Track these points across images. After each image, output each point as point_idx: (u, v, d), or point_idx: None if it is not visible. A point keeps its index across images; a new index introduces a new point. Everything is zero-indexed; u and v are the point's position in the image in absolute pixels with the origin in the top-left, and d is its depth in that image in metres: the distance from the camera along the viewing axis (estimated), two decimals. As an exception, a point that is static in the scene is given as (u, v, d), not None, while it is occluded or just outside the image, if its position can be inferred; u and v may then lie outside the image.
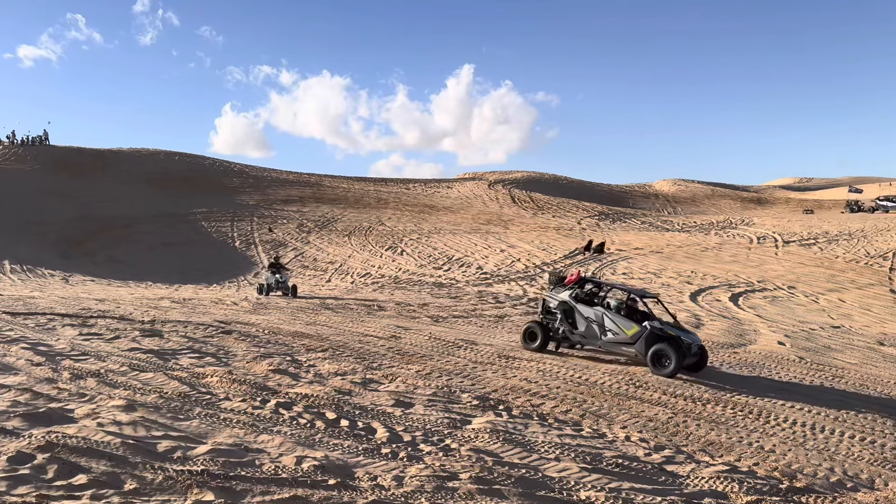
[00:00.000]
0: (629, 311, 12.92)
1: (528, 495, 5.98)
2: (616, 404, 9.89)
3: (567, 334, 13.31)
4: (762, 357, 14.51)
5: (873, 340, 17.49)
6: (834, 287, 26.56)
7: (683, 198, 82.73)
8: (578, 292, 13.45)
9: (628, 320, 12.60)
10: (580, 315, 13.10)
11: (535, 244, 37.16)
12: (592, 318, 12.91)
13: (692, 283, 26.32)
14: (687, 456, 7.72)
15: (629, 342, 12.47)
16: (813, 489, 7.14)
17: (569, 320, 13.26)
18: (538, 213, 55.15)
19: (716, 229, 45.74)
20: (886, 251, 33.94)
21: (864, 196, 73.55)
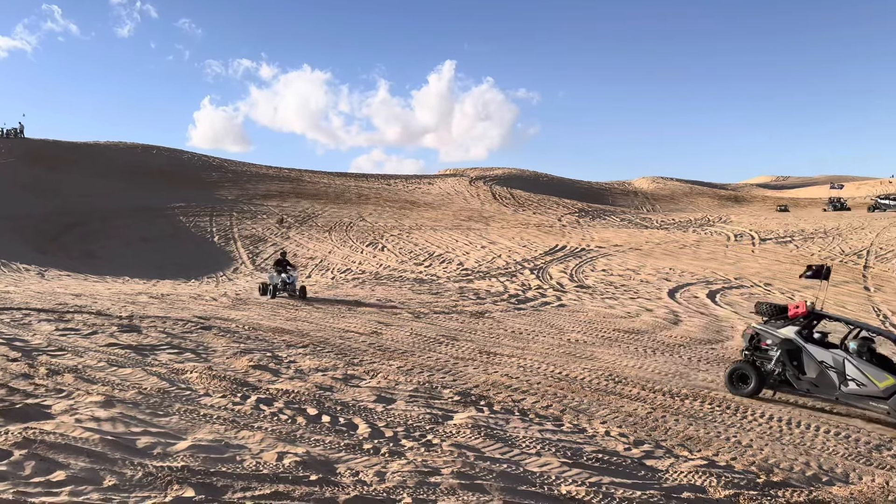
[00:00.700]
0: (878, 358, 10.69)
1: (510, 490, 6.01)
2: (596, 399, 9.98)
3: (791, 379, 11.06)
4: (740, 353, 14.68)
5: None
6: (808, 283, 26.93)
7: (662, 195, 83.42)
8: (806, 330, 11.29)
9: (880, 370, 10.36)
10: (810, 358, 10.88)
11: (515, 241, 37.27)
12: (829, 364, 10.67)
13: (670, 280, 26.57)
14: (666, 451, 7.80)
15: (881, 397, 10.26)
16: (789, 483, 7.26)
17: (793, 363, 11.07)
18: (519, 210, 55.31)
19: (694, 227, 46.18)
20: (860, 249, 34.51)
21: (845, 193, 74.65)
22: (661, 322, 18.27)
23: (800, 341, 11.03)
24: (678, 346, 15.14)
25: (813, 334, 11.19)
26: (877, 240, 36.54)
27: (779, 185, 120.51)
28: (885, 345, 13.77)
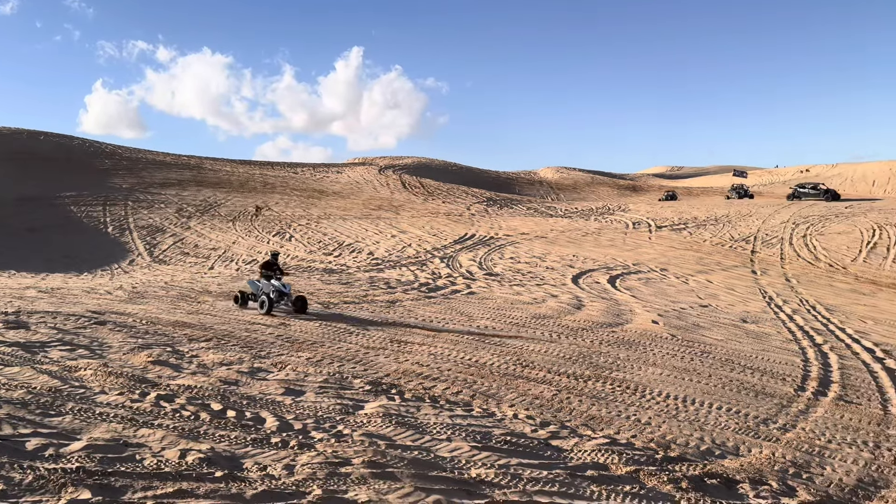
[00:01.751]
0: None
1: (421, 476, 6.06)
2: (504, 384, 10.18)
3: None
4: (638, 335, 15.35)
5: (737, 318, 18.92)
6: (702, 269, 28.46)
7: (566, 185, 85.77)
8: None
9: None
10: None
11: (425, 230, 37.39)
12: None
13: (574, 267, 27.40)
14: (571, 430, 8.07)
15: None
16: (685, 458, 7.67)
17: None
18: (428, 199, 55.50)
19: (595, 215, 47.78)
20: (748, 235, 36.73)
21: (747, 180, 78.58)
22: (565, 307, 18.83)
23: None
24: (582, 329, 15.65)
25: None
26: (763, 226, 39.00)
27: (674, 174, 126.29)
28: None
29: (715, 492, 6.61)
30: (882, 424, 10.04)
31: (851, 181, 68.47)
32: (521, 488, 6.00)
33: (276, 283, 15.46)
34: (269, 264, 16.34)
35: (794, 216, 41.53)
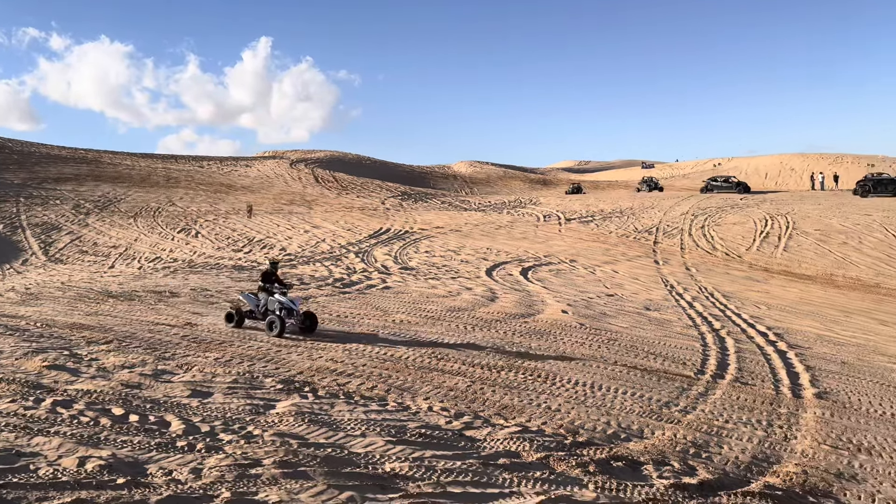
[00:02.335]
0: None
1: (335, 473, 6.01)
2: (420, 377, 10.22)
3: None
4: (549, 325, 15.75)
5: (641, 306, 19.71)
6: (608, 259, 29.47)
7: (479, 179, 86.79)
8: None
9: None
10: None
11: (339, 224, 36.98)
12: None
13: (488, 260, 27.79)
14: (484, 420, 8.20)
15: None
16: (593, 442, 7.94)
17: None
18: (342, 193, 54.89)
19: (508, 208, 48.60)
20: (651, 227, 38.29)
21: (642, 174, 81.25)
22: (479, 299, 19.07)
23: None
24: (495, 321, 15.91)
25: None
26: (664, 218, 40.75)
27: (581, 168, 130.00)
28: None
29: (621, 474, 6.88)
30: (774, 404, 10.72)
31: (745, 174, 72.51)
32: (435, 480, 6.05)
33: (282, 297, 13.02)
34: (269, 275, 13.81)
35: (693, 208, 43.60)
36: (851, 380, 12.69)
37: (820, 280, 27.32)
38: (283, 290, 13.31)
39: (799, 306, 21.39)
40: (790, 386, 11.86)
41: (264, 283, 13.55)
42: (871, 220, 36.52)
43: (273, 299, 13.06)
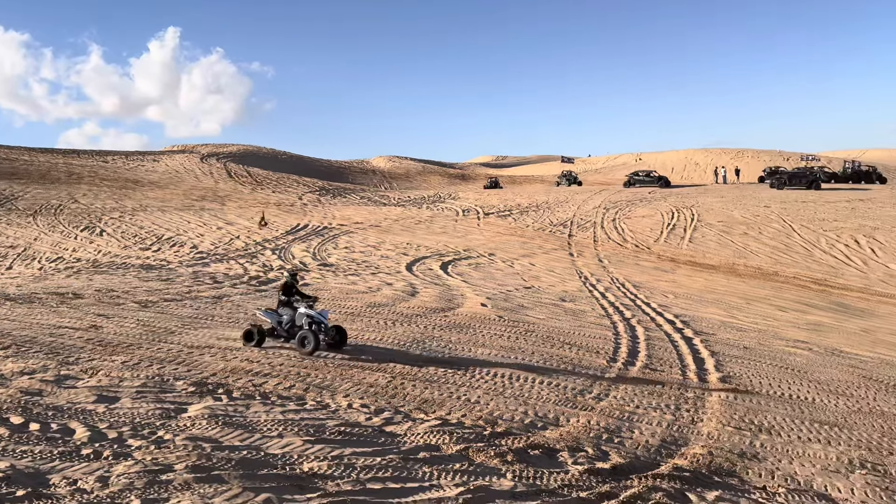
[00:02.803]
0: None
1: (250, 476, 5.87)
2: (339, 374, 10.12)
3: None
4: (468, 318, 15.91)
5: (557, 298, 20.20)
6: (526, 253, 30.03)
7: (398, 174, 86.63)
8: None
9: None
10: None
11: (255, 221, 36.09)
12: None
13: (408, 255, 27.79)
14: (404, 415, 8.20)
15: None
16: (511, 432, 8.07)
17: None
18: (257, 189, 53.56)
19: (427, 203, 48.74)
20: (565, 220, 39.26)
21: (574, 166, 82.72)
22: (400, 294, 19.05)
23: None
24: (416, 315, 15.93)
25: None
26: (578, 212, 41.87)
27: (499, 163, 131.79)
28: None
29: (537, 462, 7.03)
30: (681, 388, 11.20)
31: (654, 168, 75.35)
32: (355, 477, 6.01)
33: (309, 310, 11.86)
34: (289, 287, 12.56)
35: (605, 202, 44.98)
36: (753, 363, 13.42)
37: (723, 269, 28.75)
38: (308, 302, 12.16)
39: (704, 295, 22.43)
40: (696, 371, 12.42)
41: (287, 297, 12.30)
42: (770, 212, 38.70)
43: (301, 313, 11.86)
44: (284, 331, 12.01)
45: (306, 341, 11.47)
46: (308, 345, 11.43)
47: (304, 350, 11.45)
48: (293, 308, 12.06)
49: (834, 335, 17.54)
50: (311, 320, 11.72)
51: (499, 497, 5.93)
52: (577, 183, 61.21)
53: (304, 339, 11.53)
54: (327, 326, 11.80)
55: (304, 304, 12.04)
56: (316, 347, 11.40)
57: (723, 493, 6.93)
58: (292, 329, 11.92)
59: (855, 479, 7.96)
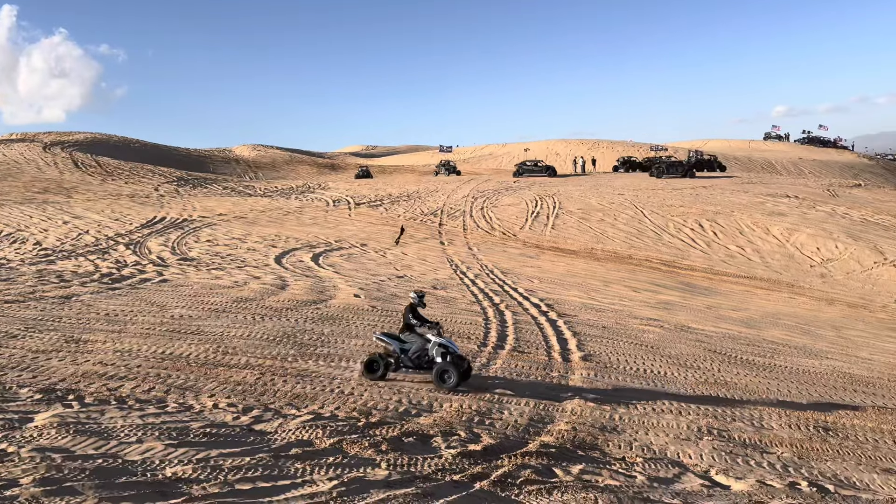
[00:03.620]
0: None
1: (107, 485, 5.50)
2: (203, 374, 9.69)
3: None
4: (341, 309, 15.74)
5: (429, 285, 20.42)
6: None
7: (264, 163, 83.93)
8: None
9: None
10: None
11: (106, 214, 33.69)
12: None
13: (277, 247, 27.04)
14: (275, 412, 8.00)
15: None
16: (385, 421, 8.09)
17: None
18: (108, 180, 49.99)
19: (296, 194, 47.64)
20: (436, 209, 39.75)
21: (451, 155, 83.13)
22: (269, 288, 18.51)
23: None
24: (286, 309, 15.55)
25: None
26: (448, 201, 42.52)
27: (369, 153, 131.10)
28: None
29: (412, 449, 7.10)
30: (547, 368, 11.70)
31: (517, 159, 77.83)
32: (223, 479, 5.79)
33: (439, 338, 10.67)
34: (414, 309, 11.08)
35: (473, 191, 45.99)
36: (611, 342, 14.25)
37: (583, 254, 30.28)
38: (436, 329, 10.90)
39: (566, 278, 23.52)
40: (560, 351, 13.02)
41: (416, 322, 10.95)
42: (624, 199, 41.14)
43: (434, 343, 10.64)
44: (411, 360, 10.71)
45: (447, 376, 10.29)
46: (449, 380, 10.25)
47: (444, 385, 10.23)
48: (419, 334, 10.85)
49: (682, 313, 18.98)
50: (446, 350, 10.59)
51: (373, 487, 5.93)
52: (456, 172, 61.83)
53: (443, 373, 10.33)
54: (459, 356, 10.69)
55: (434, 332, 10.84)
56: (458, 383, 10.25)
57: (586, 465, 7.32)
58: (421, 359, 10.71)
59: (703, 445, 8.67)
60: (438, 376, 10.28)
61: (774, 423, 10.09)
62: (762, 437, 9.48)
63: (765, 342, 16.09)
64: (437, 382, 10.29)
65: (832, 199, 42.36)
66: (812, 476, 8.14)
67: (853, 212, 38.26)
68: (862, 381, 13.24)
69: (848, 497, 7.50)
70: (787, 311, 21.59)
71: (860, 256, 30.42)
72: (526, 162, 60.05)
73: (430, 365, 10.53)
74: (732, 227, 34.87)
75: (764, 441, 9.35)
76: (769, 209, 38.28)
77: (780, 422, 10.19)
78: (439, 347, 10.55)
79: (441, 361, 10.44)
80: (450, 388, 10.14)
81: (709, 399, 10.83)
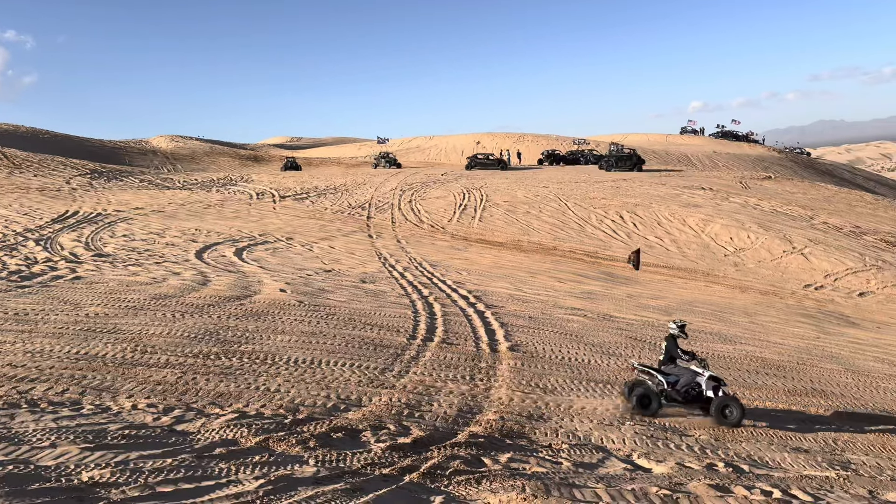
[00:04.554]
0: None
1: (18, 492, 5.23)
2: (121, 374, 9.32)
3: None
4: (267, 305, 15.43)
5: (357, 279, 20.27)
6: (325, 236, 29.73)
7: (182, 155, 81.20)
8: None
9: None
10: None
11: (13, 209, 31.86)
12: None
13: (197, 241, 26.24)
14: (197, 412, 7.78)
15: None
16: (313, 417, 7.99)
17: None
18: (15, 173, 47.28)
19: (217, 186, 46.35)
20: (364, 202, 39.46)
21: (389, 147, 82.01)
22: (189, 284, 17.95)
23: None
24: (208, 306, 15.12)
25: None
26: (375, 194, 42.28)
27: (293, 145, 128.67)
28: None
29: (340, 444, 7.04)
30: (475, 359, 11.82)
31: (444, 151, 78.16)
32: (143, 482, 5.59)
33: (704, 369, 10.49)
34: (675, 340, 10.67)
35: (401, 184, 45.88)
36: (537, 332, 14.53)
37: (510, 246, 30.70)
38: (704, 362, 10.71)
39: (493, 270, 23.81)
40: (488, 342, 13.18)
41: (686, 356, 10.60)
42: (549, 192, 41.92)
43: (704, 376, 10.41)
44: (680, 394, 10.43)
45: (728, 411, 10.00)
46: (731, 415, 9.99)
47: (726, 421, 9.96)
48: (685, 367, 10.58)
49: (604, 302, 19.53)
50: (718, 384, 10.37)
51: (301, 484, 5.85)
52: (396, 165, 61.38)
53: (725, 407, 10.03)
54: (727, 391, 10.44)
55: (701, 365, 10.62)
56: (742, 418, 10.03)
57: (514, 454, 7.45)
58: (689, 393, 10.44)
59: (625, 430, 8.96)
60: (720, 411, 10.03)
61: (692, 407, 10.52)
62: (681, 422, 9.88)
63: (682, 329, 16.75)
64: (717, 418, 10.03)
65: (744, 191, 44.43)
66: (728, 457, 8.55)
67: (764, 203, 40.24)
68: (773, 364, 13.97)
69: (762, 476, 7.91)
70: (703, 299, 22.53)
71: (770, 246, 32.04)
72: (478, 155, 60.69)
73: (699, 399, 10.38)
74: (651, 218, 36.08)
75: (683, 425, 9.75)
76: (685, 201, 39.81)
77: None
78: (710, 381, 10.39)
79: (718, 396, 10.23)
80: (732, 425, 9.93)
81: (631, 385, 11.18)
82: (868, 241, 33.95)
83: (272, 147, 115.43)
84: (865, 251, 31.98)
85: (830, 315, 22.99)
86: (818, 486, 7.73)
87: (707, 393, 10.35)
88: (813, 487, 7.67)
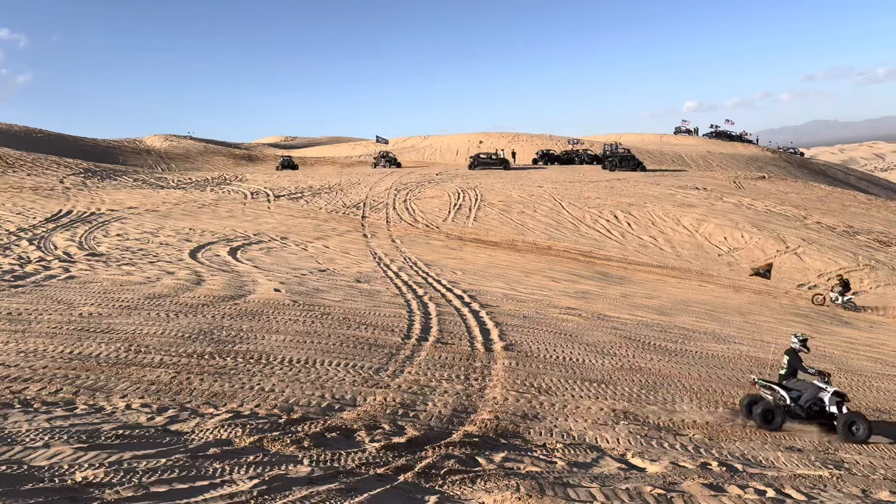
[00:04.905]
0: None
1: (12, 493, 5.21)
2: (115, 374, 9.29)
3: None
4: (261, 305, 15.40)
5: (352, 279, 20.25)
6: (320, 235, 29.70)
7: (177, 154, 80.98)
8: None
9: None
10: None
11: (6, 208, 31.74)
12: None
13: (191, 241, 26.18)
14: (191, 412, 7.76)
15: None
16: (308, 417, 7.99)
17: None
18: (8, 172, 47.08)
19: (211, 185, 46.24)
20: (359, 202, 39.42)
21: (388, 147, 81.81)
22: (183, 284, 17.91)
23: None
24: (202, 305, 15.09)
25: None
26: (370, 193, 42.24)
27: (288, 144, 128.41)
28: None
29: (335, 444, 7.04)
30: (470, 359, 11.83)
31: (440, 151, 78.15)
32: (137, 482, 5.58)
33: (827, 385, 10.46)
34: (798, 354, 10.81)
35: (396, 183, 45.86)
36: (531, 331, 14.54)
37: (504, 245, 30.72)
38: (827, 377, 10.63)
39: (488, 270, 23.82)
40: (483, 342, 13.19)
41: (812, 371, 10.66)
42: (543, 192, 41.96)
43: (828, 392, 10.35)
44: (803, 409, 10.39)
45: (855, 427, 9.95)
46: (858, 431, 9.92)
47: (853, 438, 9.90)
48: (808, 382, 10.59)
49: (599, 301, 19.56)
50: (842, 400, 10.32)
51: (295, 484, 5.85)
52: (396, 164, 61.09)
53: (852, 424, 10.00)
54: (851, 406, 10.40)
55: (823, 380, 10.56)
56: (869, 435, 9.94)
57: (509, 453, 7.46)
58: (811, 409, 10.39)
59: (620, 429, 8.99)
60: (847, 428, 9.95)
61: (686, 407, 10.56)
62: (675, 421, 9.91)
63: (676, 328, 16.79)
64: (844, 434, 9.94)
65: (738, 191, 44.56)
66: (722, 456, 8.58)
67: (757, 203, 40.37)
68: (767, 363, 14.02)
69: (755, 475, 7.94)
70: (697, 299, 22.60)
71: (764, 245, 32.15)
72: (480, 154, 60.53)
73: (821, 414, 10.29)
74: (645, 218, 36.16)
75: (677, 424, 9.78)
76: (679, 201, 39.90)
77: (691, 405, 10.68)
78: (834, 396, 10.30)
79: (843, 412, 10.16)
80: (860, 441, 9.84)
81: (625, 384, 11.22)
82: (861, 241, 34.11)
83: (266, 146, 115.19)
84: (858, 251, 32.14)
85: (824, 314, 23.09)
86: (812, 485, 7.77)
87: (830, 409, 10.26)
88: (806, 486, 7.71)
